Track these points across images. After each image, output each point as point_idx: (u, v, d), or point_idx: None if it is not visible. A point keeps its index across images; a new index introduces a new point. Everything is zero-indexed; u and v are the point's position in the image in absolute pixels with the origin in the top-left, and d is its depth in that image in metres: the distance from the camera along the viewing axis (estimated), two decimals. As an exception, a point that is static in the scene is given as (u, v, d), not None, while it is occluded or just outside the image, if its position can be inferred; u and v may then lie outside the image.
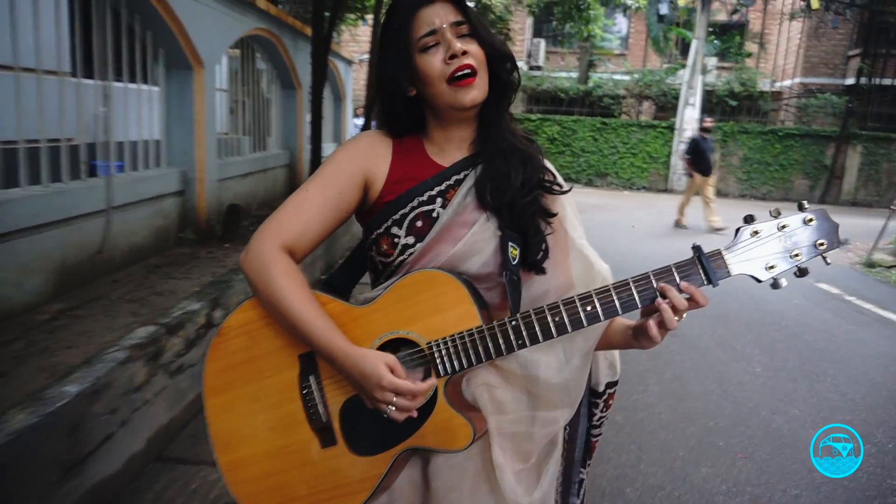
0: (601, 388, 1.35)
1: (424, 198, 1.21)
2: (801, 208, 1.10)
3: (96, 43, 4.27)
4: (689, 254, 1.12)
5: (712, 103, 18.83)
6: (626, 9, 18.12)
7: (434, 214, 1.21)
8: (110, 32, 4.39)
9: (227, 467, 1.22)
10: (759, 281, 1.10)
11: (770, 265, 1.09)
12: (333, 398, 1.19)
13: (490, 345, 1.12)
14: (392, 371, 1.08)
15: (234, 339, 1.22)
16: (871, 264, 8.07)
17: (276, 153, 8.12)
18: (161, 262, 4.65)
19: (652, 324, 1.09)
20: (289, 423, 1.20)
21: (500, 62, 1.20)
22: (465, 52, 1.14)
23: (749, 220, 1.11)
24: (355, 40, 17.49)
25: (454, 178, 1.23)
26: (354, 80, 14.83)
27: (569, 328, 1.11)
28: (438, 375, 1.14)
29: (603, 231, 9.72)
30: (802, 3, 16.35)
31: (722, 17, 19.86)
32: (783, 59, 21.52)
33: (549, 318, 1.11)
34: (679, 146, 17.68)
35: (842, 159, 17.44)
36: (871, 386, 4.14)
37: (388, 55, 1.20)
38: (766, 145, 17.88)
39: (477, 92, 1.17)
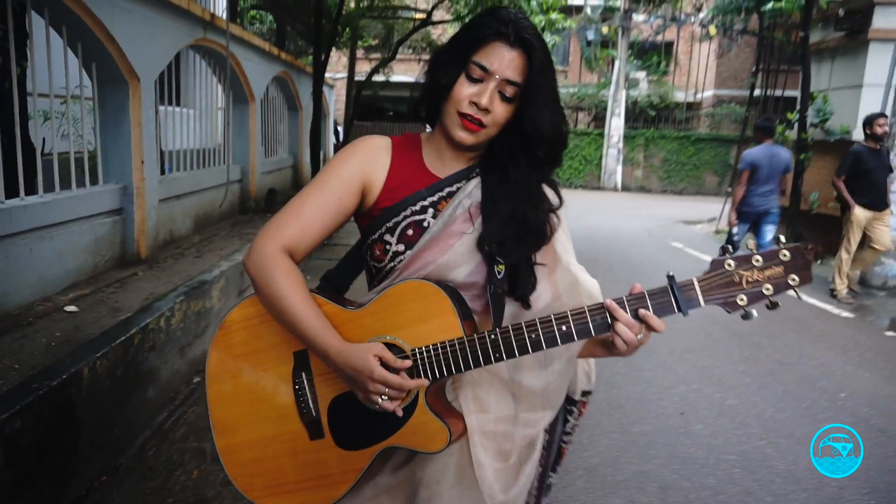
0: (577, 396, 1.38)
1: (417, 207, 1.24)
2: (777, 243, 1.10)
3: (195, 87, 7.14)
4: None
5: (635, 114, 22.19)
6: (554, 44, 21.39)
7: (425, 224, 1.23)
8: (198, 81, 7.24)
9: (225, 450, 1.30)
10: (729, 312, 1.11)
11: (741, 298, 1.09)
12: (323, 395, 1.25)
13: (469, 356, 1.15)
14: (381, 360, 1.13)
15: (235, 332, 1.29)
16: (717, 231, 11.40)
17: (285, 157, 10.96)
18: (236, 221, 7.50)
19: (618, 339, 1.12)
20: (282, 415, 1.26)
21: (535, 140, 1.21)
22: (486, 110, 1.17)
23: (724, 251, 1.12)
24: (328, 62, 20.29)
25: (447, 189, 1.26)
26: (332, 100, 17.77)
27: (544, 346, 1.14)
28: None
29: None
30: (704, 30, 19.87)
31: (644, 38, 23.34)
32: (699, 73, 25.05)
33: (526, 335, 1.14)
34: (608, 150, 20.99)
35: (742, 159, 20.86)
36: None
37: (448, 53, 1.23)
38: (681, 148, 21.22)
39: (472, 138, 1.20)
